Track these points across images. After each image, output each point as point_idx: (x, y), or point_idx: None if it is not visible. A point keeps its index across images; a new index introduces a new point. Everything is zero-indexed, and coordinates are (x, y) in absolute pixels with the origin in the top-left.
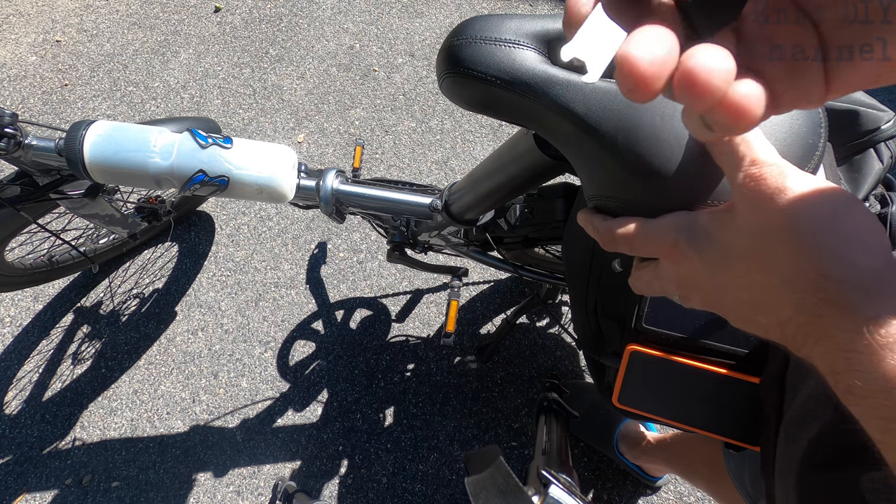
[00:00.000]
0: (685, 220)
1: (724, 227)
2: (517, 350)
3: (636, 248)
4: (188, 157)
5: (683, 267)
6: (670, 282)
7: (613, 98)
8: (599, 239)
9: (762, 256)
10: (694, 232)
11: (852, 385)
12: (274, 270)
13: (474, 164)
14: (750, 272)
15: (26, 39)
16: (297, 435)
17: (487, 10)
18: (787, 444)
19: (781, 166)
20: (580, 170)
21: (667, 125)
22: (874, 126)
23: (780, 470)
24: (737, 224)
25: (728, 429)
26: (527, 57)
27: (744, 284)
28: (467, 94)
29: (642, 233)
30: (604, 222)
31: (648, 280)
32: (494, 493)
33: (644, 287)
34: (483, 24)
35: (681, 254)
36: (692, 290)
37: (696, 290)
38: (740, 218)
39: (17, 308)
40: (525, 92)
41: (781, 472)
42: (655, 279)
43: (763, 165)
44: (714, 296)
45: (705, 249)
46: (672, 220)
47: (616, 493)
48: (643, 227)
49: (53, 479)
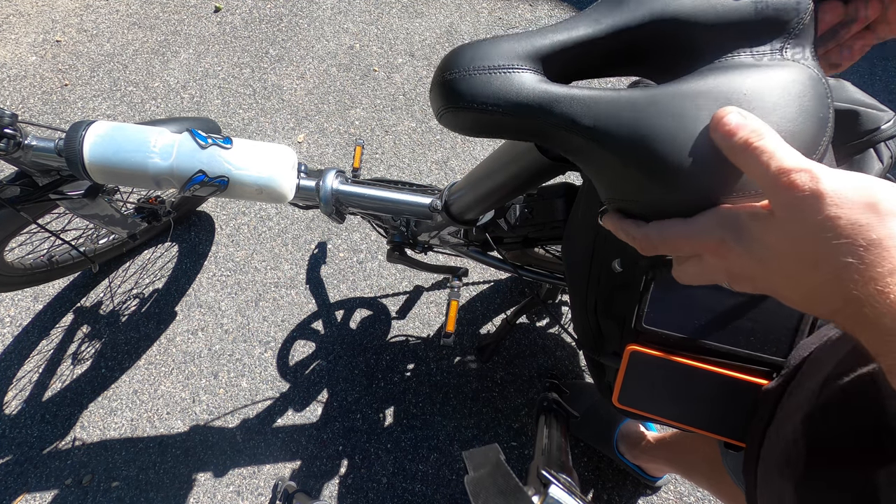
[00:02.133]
0: (728, 219)
1: (767, 230)
2: (517, 350)
3: (679, 249)
4: (188, 158)
5: (732, 262)
6: (719, 273)
7: (619, 106)
8: (637, 245)
9: (808, 257)
10: (739, 232)
11: (894, 365)
12: (274, 270)
13: (474, 164)
14: (798, 270)
15: (26, 39)
16: (297, 435)
17: (487, 11)
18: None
19: (810, 170)
20: (593, 176)
21: (678, 124)
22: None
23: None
24: (779, 228)
25: (728, 429)
26: (524, 79)
27: (794, 280)
28: (468, 126)
29: (685, 235)
30: (639, 228)
31: (695, 273)
32: (494, 493)
33: (690, 279)
34: (474, 54)
35: (728, 251)
36: (744, 280)
37: (748, 280)
38: (780, 222)
39: (17, 308)
40: (528, 115)
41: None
42: (703, 272)
43: (791, 173)
44: (767, 286)
45: (753, 249)
46: (714, 219)
47: (616, 493)
48: (685, 230)
49: (53, 479)
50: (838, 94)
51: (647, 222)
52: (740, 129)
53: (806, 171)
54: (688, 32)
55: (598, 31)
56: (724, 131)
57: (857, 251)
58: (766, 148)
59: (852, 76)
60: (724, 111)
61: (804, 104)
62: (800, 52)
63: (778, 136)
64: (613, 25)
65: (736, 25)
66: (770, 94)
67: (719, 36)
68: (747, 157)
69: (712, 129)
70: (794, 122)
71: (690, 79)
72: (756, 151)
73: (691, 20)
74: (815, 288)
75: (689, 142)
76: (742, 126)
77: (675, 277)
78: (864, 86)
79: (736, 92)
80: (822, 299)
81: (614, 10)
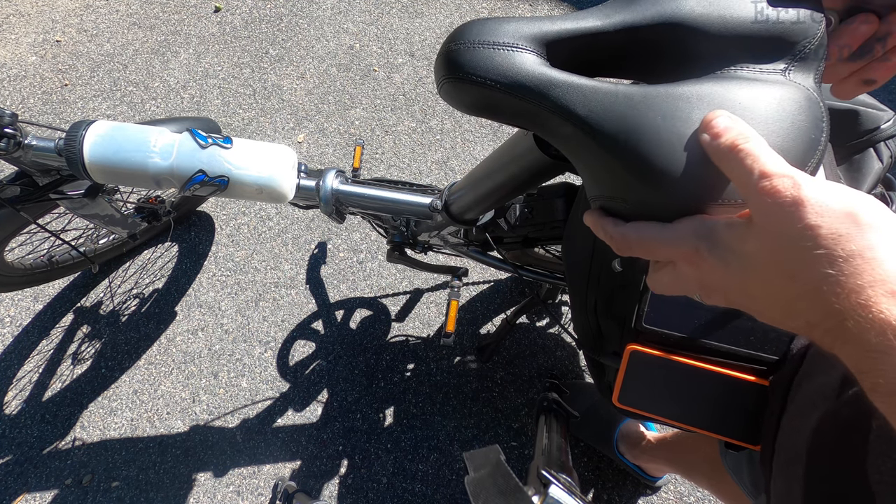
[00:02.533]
0: (704, 229)
1: (744, 239)
2: (517, 350)
3: (654, 253)
4: (188, 158)
5: (705, 272)
6: (692, 283)
7: (614, 99)
8: (612, 244)
9: (787, 267)
10: (714, 241)
11: (876, 383)
12: (274, 270)
13: (474, 164)
14: (775, 281)
15: (26, 39)
16: (297, 435)
17: (487, 11)
18: (789, 435)
19: (793, 176)
20: (582, 170)
21: (668, 125)
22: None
23: (782, 462)
24: (757, 236)
25: (728, 428)
26: (526, 60)
27: (770, 292)
28: (466, 99)
29: (660, 239)
30: (616, 227)
31: (668, 282)
32: (494, 493)
33: (663, 288)
34: (480, 28)
35: (702, 261)
36: (715, 293)
37: (720, 293)
38: (759, 230)
39: (17, 308)
40: (525, 95)
41: (784, 464)
42: (676, 281)
43: (774, 177)
44: (740, 299)
45: (728, 260)
46: (690, 227)
47: (616, 493)
48: (660, 234)
49: (53, 479)
50: None
51: (626, 222)
52: (727, 132)
53: (788, 177)
54: (694, 39)
55: (606, 24)
56: (711, 133)
57: (837, 262)
58: (750, 151)
59: None
60: (713, 113)
61: (797, 122)
62: (802, 75)
63: (764, 142)
64: (623, 22)
65: (742, 39)
66: (765, 108)
67: (724, 47)
68: (731, 159)
69: (700, 130)
70: (784, 138)
71: (688, 83)
72: (740, 154)
73: (699, 28)
74: (791, 300)
75: (676, 144)
76: (729, 129)
77: (648, 285)
78: None
79: (731, 101)
80: (799, 312)
81: (626, 8)
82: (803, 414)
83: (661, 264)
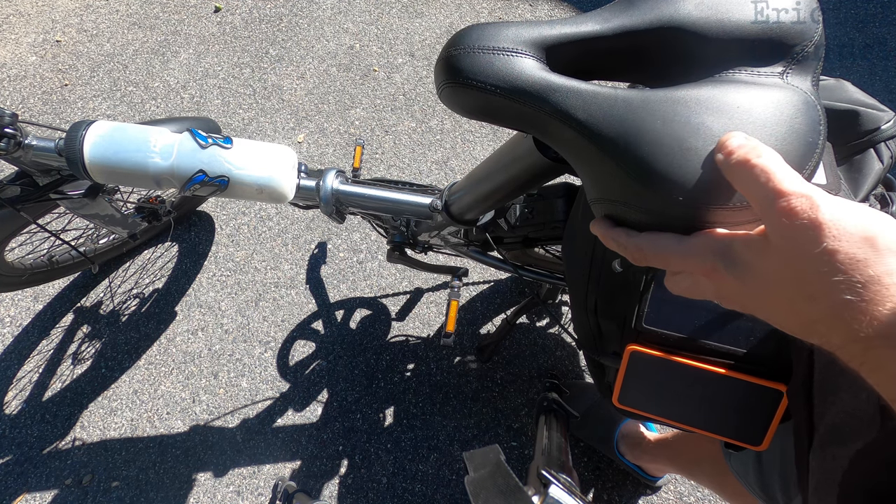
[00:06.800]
0: (720, 245)
1: (761, 257)
2: (517, 350)
3: (670, 266)
4: (188, 158)
5: (723, 287)
6: (710, 293)
7: (614, 103)
8: (627, 254)
9: (806, 287)
10: (731, 259)
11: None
12: (274, 270)
13: (474, 164)
14: (795, 301)
15: (26, 39)
16: (297, 435)
17: (487, 11)
18: (823, 458)
19: (811, 196)
20: (582, 173)
21: (667, 129)
22: (874, 126)
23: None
24: (774, 254)
25: (728, 429)
26: (525, 65)
27: (790, 311)
28: (466, 104)
29: (677, 253)
30: (630, 238)
31: (686, 287)
32: (494, 493)
33: (681, 291)
34: (480, 33)
35: (720, 277)
36: (735, 304)
37: (739, 305)
38: (777, 249)
39: (17, 308)
40: (524, 100)
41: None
42: (694, 287)
43: (791, 197)
44: (761, 313)
45: (745, 278)
46: (706, 244)
47: (616, 493)
48: (677, 247)
49: (53, 479)
50: (838, 94)
51: (638, 232)
52: (740, 149)
53: (805, 198)
54: (692, 43)
55: (605, 28)
56: (725, 152)
57: (856, 287)
58: (764, 167)
59: (852, 76)
60: (728, 134)
61: (795, 125)
62: (800, 78)
63: (778, 157)
64: (621, 26)
65: (740, 42)
66: (763, 111)
67: (722, 51)
68: (744, 174)
69: (716, 150)
70: (781, 141)
71: (686, 87)
72: (754, 170)
73: (697, 31)
74: (812, 322)
75: (674, 147)
76: (742, 146)
77: (666, 286)
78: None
79: (729, 104)
80: (822, 332)
81: (624, 12)
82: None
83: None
